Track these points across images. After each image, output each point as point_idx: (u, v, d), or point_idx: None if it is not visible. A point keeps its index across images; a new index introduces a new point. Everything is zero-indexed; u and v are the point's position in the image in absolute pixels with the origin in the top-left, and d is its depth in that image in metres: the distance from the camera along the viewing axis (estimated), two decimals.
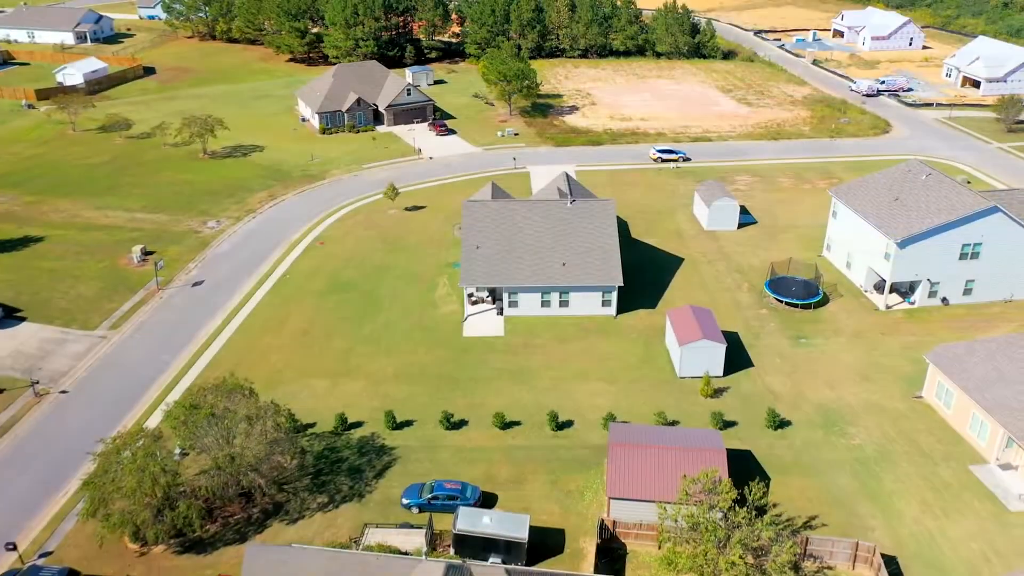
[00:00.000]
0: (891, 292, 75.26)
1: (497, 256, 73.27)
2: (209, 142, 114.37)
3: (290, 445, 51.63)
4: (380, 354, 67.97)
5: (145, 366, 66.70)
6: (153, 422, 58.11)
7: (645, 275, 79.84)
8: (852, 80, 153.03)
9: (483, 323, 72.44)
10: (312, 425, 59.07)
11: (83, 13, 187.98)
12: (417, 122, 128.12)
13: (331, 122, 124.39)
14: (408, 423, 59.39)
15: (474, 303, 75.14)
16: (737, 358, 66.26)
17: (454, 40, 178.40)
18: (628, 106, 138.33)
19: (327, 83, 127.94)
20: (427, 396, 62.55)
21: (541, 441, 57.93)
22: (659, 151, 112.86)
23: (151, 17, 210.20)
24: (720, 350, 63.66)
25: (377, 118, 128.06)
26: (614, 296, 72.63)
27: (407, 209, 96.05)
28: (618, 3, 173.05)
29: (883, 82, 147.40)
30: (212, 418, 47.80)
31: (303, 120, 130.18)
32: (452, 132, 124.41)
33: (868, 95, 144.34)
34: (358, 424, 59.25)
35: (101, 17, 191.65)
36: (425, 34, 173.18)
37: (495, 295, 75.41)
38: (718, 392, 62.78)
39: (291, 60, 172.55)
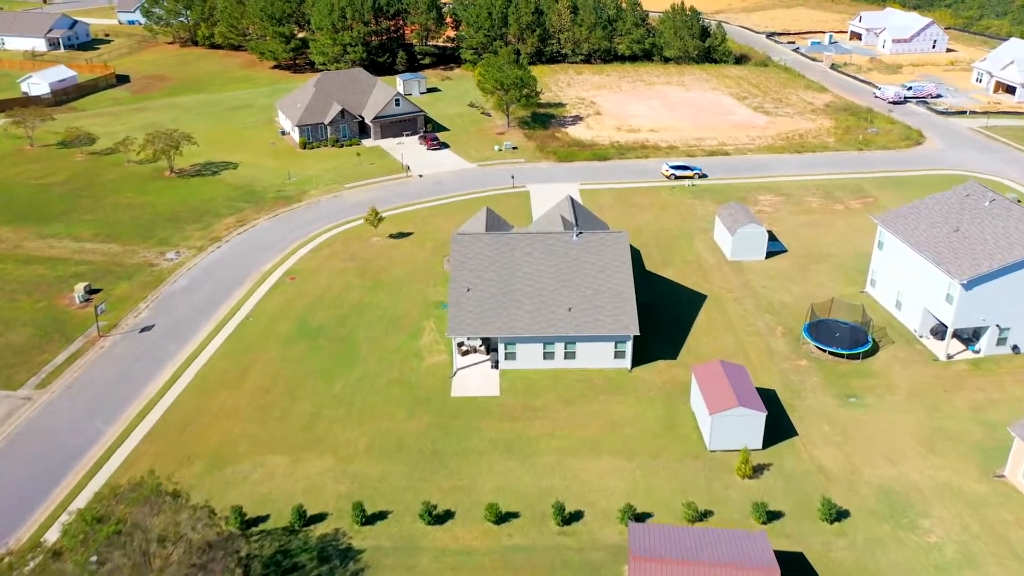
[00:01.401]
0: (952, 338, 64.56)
1: (491, 299, 62.63)
2: (176, 159, 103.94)
3: (228, 560, 40.84)
4: (352, 420, 57.26)
5: (74, 435, 55.95)
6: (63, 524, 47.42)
7: (663, 316, 69.19)
8: (876, 86, 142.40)
9: (475, 379, 61.78)
10: (264, 519, 48.35)
11: (56, 18, 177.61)
12: (407, 135, 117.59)
13: (312, 136, 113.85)
14: (381, 515, 48.64)
15: (465, 354, 64.49)
16: (777, 425, 55.52)
17: (449, 45, 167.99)
18: (636, 115, 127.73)
19: (308, 93, 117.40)
20: (405, 477, 51.82)
21: (544, 539, 47.18)
22: (672, 167, 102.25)
23: (131, 22, 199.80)
24: (759, 420, 52.94)
25: (363, 131, 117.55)
26: (629, 347, 61.97)
27: (392, 236, 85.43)
28: (623, 5, 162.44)
29: (910, 88, 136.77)
30: (118, 536, 37.06)
31: (283, 133, 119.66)
32: (444, 146, 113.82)
33: (895, 102, 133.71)
34: (320, 517, 48.49)
35: (76, 22, 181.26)
36: (418, 38, 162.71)
37: (489, 345, 64.79)
38: (757, 470, 52.01)
39: (275, 67, 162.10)
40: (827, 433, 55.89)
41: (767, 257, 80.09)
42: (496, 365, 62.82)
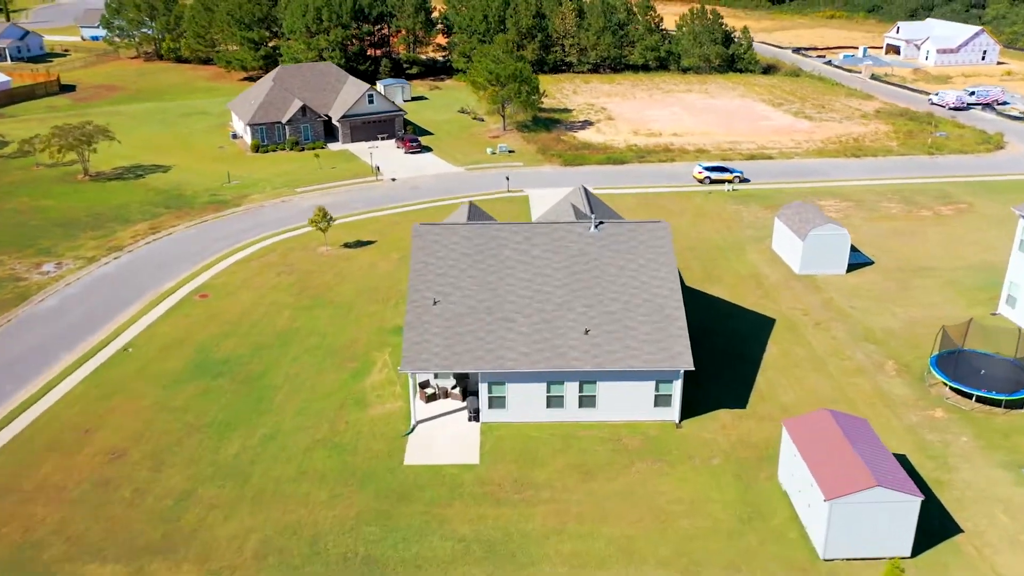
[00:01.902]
0: None
1: (470, 317, 41.73)
2: (94, 160, 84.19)
3: None
4: (243, 504, 35.92)
5: None
6: None
7: (718, 348, 48.15)
8: (930, 93, 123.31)
9: (443, 438, 40.51)
10: None
11: (4, 27, 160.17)
12: (382, 138, 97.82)
13: (267, 137, 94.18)
14: None
15: (430, 399, 43.32)
16: (926, 514, 33.98)
17: (439, 57, 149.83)
18: (656, 120, 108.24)
19: (264, 88, 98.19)
20: None
21: None
22: (706, 169, 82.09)
23: (94, 38, 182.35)
24: (910, 510, 31.59)
25: (329, 133, 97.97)
26: (677, 389, 40.83)
27: (346, 246, 64.86)
28: (635, 8, 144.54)
29: (972, 93, 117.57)
30: None
31: (234, 137, 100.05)
32: (426, 149, 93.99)
33: (956, 108, 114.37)
34: None
35: (27, 33, 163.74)
36: (404, 44, 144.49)
37: (467, 386, 43.70)
38: None
39: (245, 79, 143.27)
40: (1007, 526, 34.41)
41: (848, 271, 59.33)
42: (475, 416, 41.64)
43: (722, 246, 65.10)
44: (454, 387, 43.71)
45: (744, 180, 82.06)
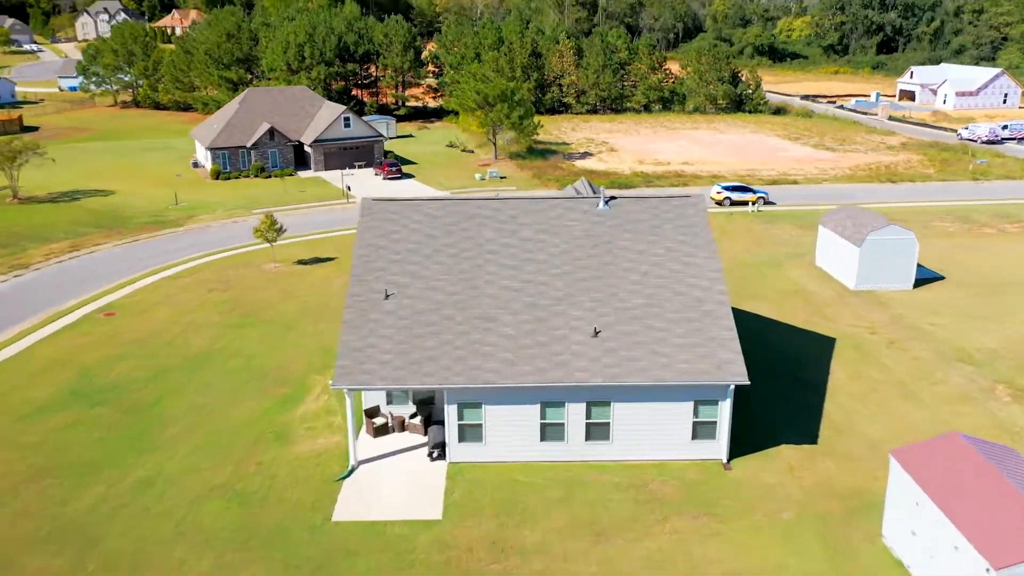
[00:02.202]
0: None
1: (433, 315, 30.08)
2: (31, 187, 73.76)
3: None
4: None
5: None
6: None
7: (768, 369, 36.27)
8: (956, 130, 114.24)
9: (393, 484, 28.30)
10: None
11: None
12: (359, 166, 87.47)
13: (230, 163, 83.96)
14: None
15: (379, 432, 31.22)
16: None
17: (430, 102, 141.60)
18: (662, 152, 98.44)
19: (230, 111, 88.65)
20: None
21: None
22: (726, 189, 71.53)
23: (72, 88, 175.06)
24: None
25: (301, 160, 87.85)
26: (726, 412, 28.88)
27: (301, 263, 53.51)
28: (638, 48, 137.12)
29: (1006, 127, 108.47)
30: None
31: (194, 165, 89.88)
32: (407, 176, 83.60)
33: (990, 141, 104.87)
34: None
35: None
36: (391, 84, 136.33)
37: (431, 413, 31.68)
38: None
39: None
40: None
41: (914, 287, 47.95)
42: (440, 453, 29.51)
43: (755, 264, 53.79)
44: (413, 416, 31.71)
45: (769, 202, 71.42)
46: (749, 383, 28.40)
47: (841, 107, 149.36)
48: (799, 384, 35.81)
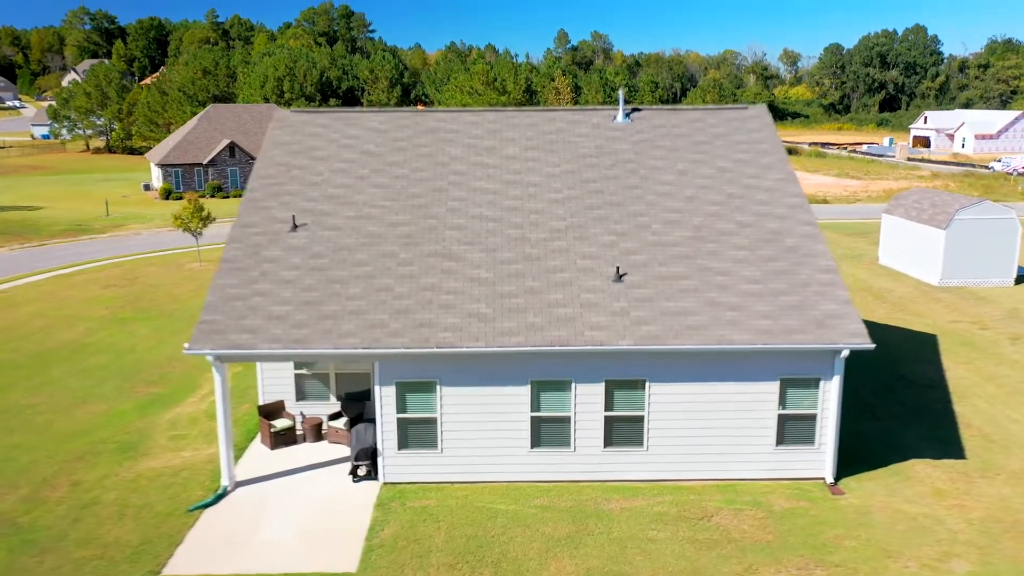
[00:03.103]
0: None
1: (360, 252, 19.31)
2: None
3: None
4: None
5: None
6: None
7: (865, 365, 25.25)
8: (985, 165, 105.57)
9: (280, 518, 16.99)
10: None
11: None
12: None
13: (183, 182, 74.15)
14: None
15: (279, 440, 19.96)
16: None
17: None
18: None
19: (188, 127, 79.42)
20: None
21: None
22: None
23: (45, 136, 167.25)
24: None
25: None
26: (832, 398, 17.83)
27: None
28: (639, 84, 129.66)
29: None
30: None
31: (146, 188, 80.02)
32: None
33: None
34: None
35: None
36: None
37: (360, 410, 20.48)
38: None
39: None
40: None
41: (1017, 282, 37.30)
42: (368, 468, 18.25)
43: None
44: (335, 416, 20.47)
45: None
46: (873, 345, 17.39)
47: (854, 151, 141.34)
48: (905, 381, 24.75)
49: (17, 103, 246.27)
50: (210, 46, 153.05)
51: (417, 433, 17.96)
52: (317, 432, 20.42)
